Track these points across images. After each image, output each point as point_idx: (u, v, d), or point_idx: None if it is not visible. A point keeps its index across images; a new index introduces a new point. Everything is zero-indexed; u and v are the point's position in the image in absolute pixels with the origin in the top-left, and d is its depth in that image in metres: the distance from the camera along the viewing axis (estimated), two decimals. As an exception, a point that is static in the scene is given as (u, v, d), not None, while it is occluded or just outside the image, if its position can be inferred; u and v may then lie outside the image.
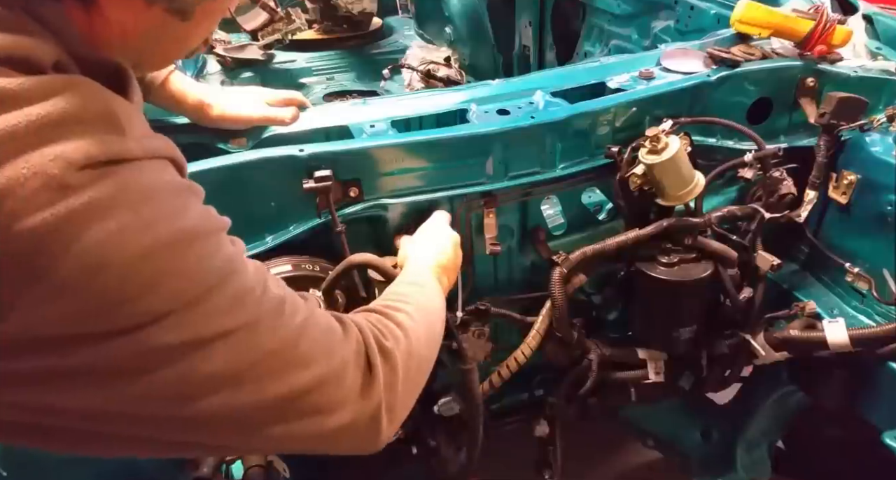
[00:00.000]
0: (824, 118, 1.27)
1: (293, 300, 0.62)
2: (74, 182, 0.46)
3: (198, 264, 0.53)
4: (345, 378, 0.63)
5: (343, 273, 1.06)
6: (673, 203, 1.18)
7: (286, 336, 0.59)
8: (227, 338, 0.54)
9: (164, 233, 0.50)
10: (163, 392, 0.52)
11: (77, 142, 0.47)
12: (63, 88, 0.49)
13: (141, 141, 0.53)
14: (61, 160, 0.46)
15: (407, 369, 0.71)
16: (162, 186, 0.53)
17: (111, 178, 0.48)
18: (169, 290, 0.50)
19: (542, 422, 1.50)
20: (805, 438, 1.83)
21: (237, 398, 0.56)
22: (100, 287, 0.47)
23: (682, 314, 1.27)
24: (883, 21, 1.50)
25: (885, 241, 1.21)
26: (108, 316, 0.48)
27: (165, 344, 0.51)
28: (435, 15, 2.56)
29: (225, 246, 0.57)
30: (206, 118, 1.12)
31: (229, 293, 0.54)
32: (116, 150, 0.50)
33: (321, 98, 2.37)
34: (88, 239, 0.46)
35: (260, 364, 0.57)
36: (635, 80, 1.29)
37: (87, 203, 0.47)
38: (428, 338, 0.80)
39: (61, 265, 0.46)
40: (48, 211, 0.45)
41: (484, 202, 1.20)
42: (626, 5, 1.98)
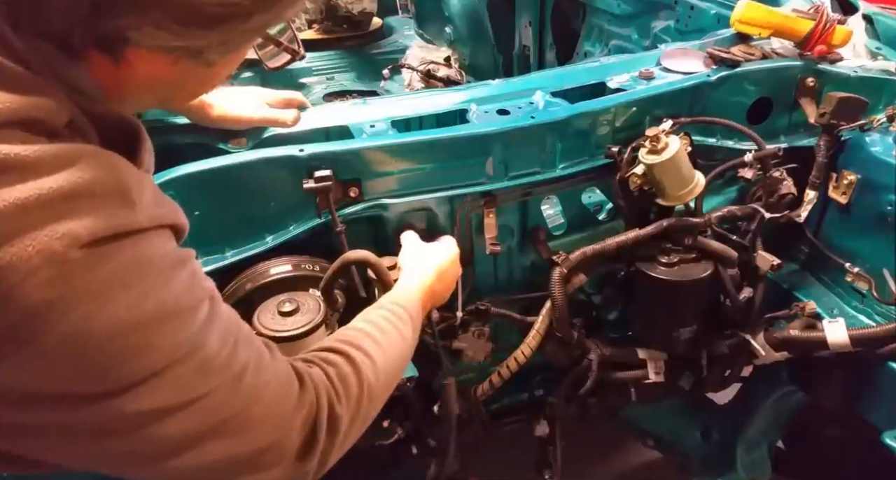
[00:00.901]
0: (824, 118, 1.27)
1: (257, 358, 0.64)
2: (76, 260, 0.48)
3: (172, 338, 0.54)
4: (287, 443, 0.66)
5: (339, 270, 1.06)
6: (673, 203, 1.18)
7: (241, 402, 0.61)
8: (187, 407, 0.56)
9: (147, 310, 0.52)
10: (137, 449, 0.56)
11: (85, 218, 0.49)
12: (77, 159, 0.49)
13: (148, 210, 0.54)
14: (67, 238, 0.47)
15: (350, 427, 0.73)
16: (156, 261, 0.54)
17: (112, 257, 0.50)
18: (142, 362, 0.53)
19: (542, 422, 1.50)
20: (805, 438, 1.83)
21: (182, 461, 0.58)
22: (83, 355, 0.49)
23: (682, 314, 1.27)
24: (883, 21, 1.50)
25: (885, 241, 1.21)
26: (86, 382, 0.51)
27: (132, 411, 0.53)
28: (435, 15, 2.56)
29: (200, 316, 0.58)
30: (207, 118, 1.12)
31: (194, 363, 0.56)
32: (123, 223, 0.51)
33: (321, 98, 2.37)
34: (79, 314, 0.48)
35: (211, 430, 0.59)
36: (635, 80, 1.29)
37: (84, 282, 0.48)
38: (385, 383, 0.81)
39: (50, 334, 0.48)
40: (47, 289, 0.47)
41: (484, 202, 1.20)
42: (626, 5, 1.98)
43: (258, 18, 0.55)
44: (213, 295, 0.62)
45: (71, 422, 0.52)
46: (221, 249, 1.08)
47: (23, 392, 0.49)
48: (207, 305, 0.59)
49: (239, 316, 0.65)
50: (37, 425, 0.52)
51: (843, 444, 1.75)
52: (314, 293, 1.07)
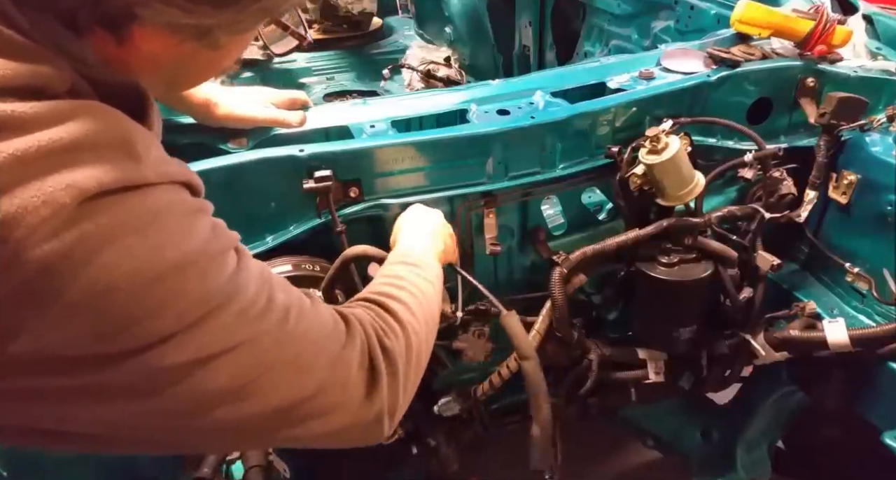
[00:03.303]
0: (824, 118, 1.27)
1: (299, 303, 0.63)
2: (85, 211, 0.46)
3: (202, 286, 0.53)
4: (347, 381, 0.64)
5: (341, 268, 1.06)
6: (673, 203, 1.18)
7: (290, 345, 0.59)
8: (231, 354, 0.55)
9: (170, 257, 0.51)
10: (170, 408, 0.54)
11: (90, 169, 0.47)
12: (78, 113, 0.48)
13: (157, 167, 0.53)
14: (73, 189, 0.46)
15: (407, 365, 0.72)
16: (171, 209, 0.53)
17: (121, 205, 0.49)
18: (175, 312, 0.51)
19: (542, 422, 1.49)
20: (805, 438, 1.83)
21: (243, 409, 0.57)
22: (107, 310, 0.48)
23: (682, 314, 1.27)
24: (883, 21, 1.50)
25: (885, 241, 1.21)
26: (115, 339, 0.49)
27: (171, 363, 0.51)
28: (435, 15, 2.56)
29: (230, 263, 0.57)
30: (211, 117, 1.12)
31: (233, 311, 0.55)
32: (131, 177, 0.50)
33: (321, 98, 2.38)
34: (97, 264, 0.47)
35: (264, 376, 0.57)
36: (635, 80, 1.29)
37: (95, 230, 0.47)
38: (426, 326, 0.80)
39: (70, 290, 0.46)
40: (58, 239, 0.45)
41: (484, 202, 1.20)
42: (626, 5, 1.98)
43: None
44: (238, 246, 0.60)
45: (107, 382, 0.50)
46: (221, 249, 1.08)
47: (50, 356, 0.47)
48: (234, 255, 0.58)
49: (268, 267, 0.64)
50: (67, 388, 0.50)
51: (843, 444, 1.75)
52: (315, 293, 1.07)
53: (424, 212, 1.10)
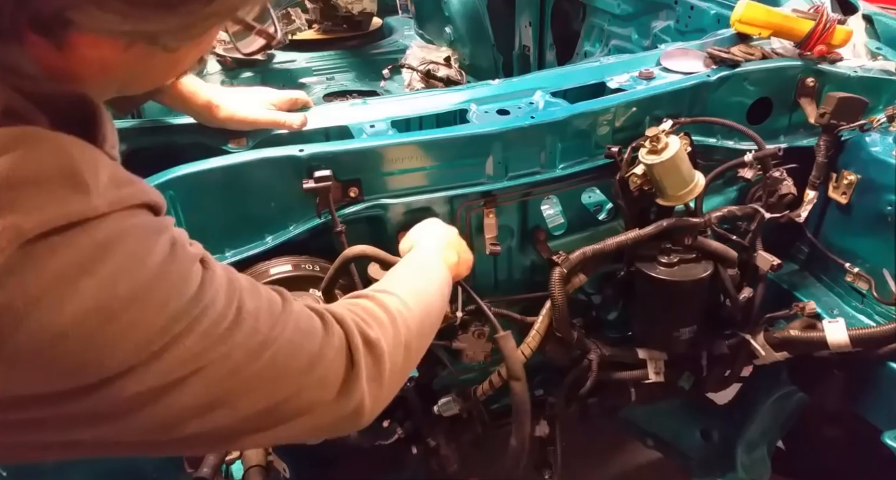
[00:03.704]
0: (824, 118, 1.27)
1: (268, 307, 0.60)
2: (26, 255, 0.43)
3: (161, 314, 0.50)
4: (324, 380, 0.63)
5: (341, 268, 1.06)
6: (673, 203, 1.18)
7: (262, 353, 0.58)
8: (200, 374, 0.53)
9: (123, 291, 0.48)
10: (139, 428, 0.53)
11: (31, 208, 0.43)
12: (14, 143, 0.44)
13: (107, 194, 0.48)
14: (12, 231, 0.42)
15: (394, 357, 0.71)
16: (122, 239, 0.49)
17: (67, 246, 0.45)
18: (131, 346, 0.49)
19: (542, 422, 1.50)
20: (805, 438, 1.83)
21: (215, 420, 0.56)
22: (58, 356, 0.46)
23: (682, 314, 1.27)
24: (883, 21, 1.50)
25: (885, 241, 1.21)
26: (71, 378, 0.47)
27: (133, 393, 0.50)
28: (435, 15, 2.56)
29: (192, 283, 0.53)
30: (213, 119, 1.12)
31: (198, 333, 0.53)
32: (78, 211, 0.46)
33: (321, 98, 2.37)
34: (42, 312, 0.44)
35: (235, 387, 0.56)
36: (635, 80, 1.29)
37: (38, 277, 0.44)
38: (420, 322, 0.79)
39: (15, 337, 0.44)
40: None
41: (484, 202, 1.20)
42: (626, 5, 1.98)
43: (223, 2, 0.50)
44: (204, 257, 0.57)
45: (71, 413, 0.49)
46: (221, 249, 1.08)
47: (9, 397, 0.46)
48: (199, 269, 0.55)
49: (235, 271, 0.61)
50: (32, 419, 0.48)
51: (843, 444, 1.75)
52: (315, 293, 1.07)
53: (441, 224, 1.10)
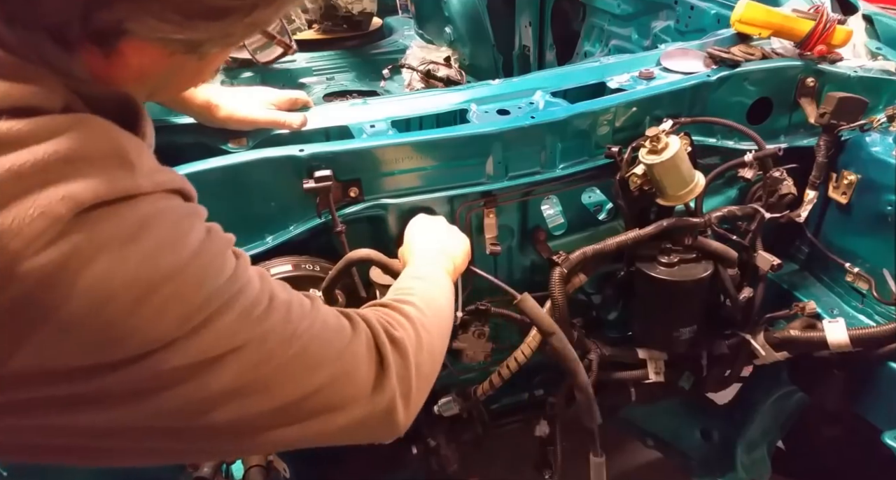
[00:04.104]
0: (824, 118, 1.27)
1: (300, 303, 0.63)
2: (79, 222, 0.46)
3: (201, 290, 0.53)
4: (356, 374, 0.64)
5: (343, 270, 1.06)
6: (673, 203, 1.18)
7: (295, 342, 0.59)
8: (236, 354, 0.55)
9: (166, 264, 0.51)
10: (174, 409, 0.53)
11: (86, 181, 0.47)
12: (70, 126, 0.48)
13: (150, 176, 0.53)
14: (69, 200, 0.46)
15: (419, 358, 0.72)
16: (164, 216, 0.53)
17: (115, 216, 0.49)
18: (175, 317, 0.51)
19: (542, 422, 1.50)
20: (805, 438, 1.83)
21: (248, 407, 0.57)
22: (106, 321, 0.48)
23: (682, 314, 1.27)
24: (883, 21, 1.50)
25: (885, 241, 1.21)
26: (116, 348, 0.49)
27: (175, 366, 0.52)
28: (435, 15, 2.56)
29: (228, 265, 0.57)
30: (213, 119, 1.12)
31: (235, 311, 0.55)
32: (125, 187, 0.50)
33: (321, 98, 2.37)
34: (93, 275, 0.47)
35: (270, 373, 0.57)
36: (635, 80, 1.29)
37: (89, 240, 0.47)
38: (438, 328, 0.81)
39: (67, 303, 0.46)
40: (53, 249, 0.45)
41: (484, 202, 1.20)
42: (626, 5, 1.98)
43: (260, 12, 0.54)
44: (236, 249, 0.60)
45: (109, 388, 0.50)
46: (221, 249, 1.08)
47: (51, 368, 0.47)
48: (232, 256, 0.58)
49: None
50: (68, 396, 0.49)
51: (843, 444, 1.75)
52: (315, 293, 1.07)
53: (430, 222, 1.10)
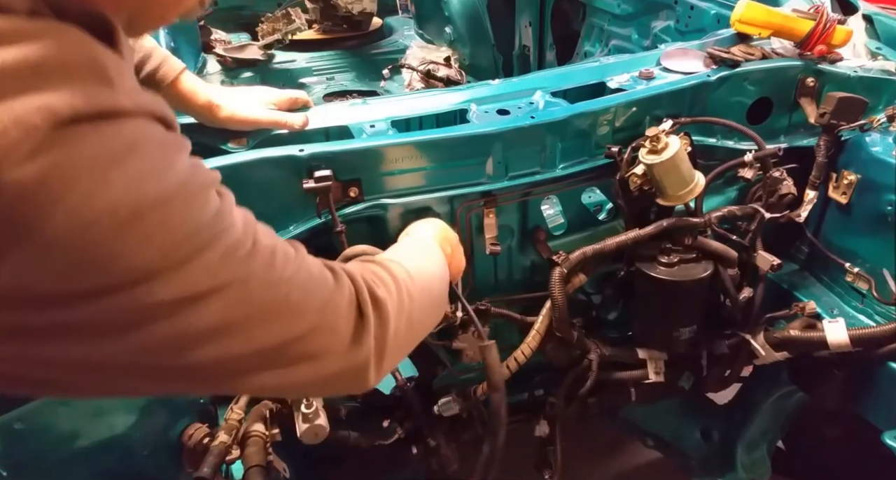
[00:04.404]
0: (824, 118, 1.27)
1: (284, 250, 0.62)
2: (59, 137, 0.44)
3: (186, 222, 0.51)
4: (336, 325, 0.64)
5: None
6: (673, 203, 1.18)
7: (277, 287, 0.59)
8: (220, 293, 0.54)
9: (151, 191, 0.49)
10: (154, 345, 0.52)
11: (63, 92, 0.44)
12: (41, 33, 0.45)
13: (131, 95, 0.50)
14: (45, 111, 0.43)
15: (397, 322, 0.71)
16: (149, 141, 0.51)
17: (97, 135, 0.46)
18: (160, 247, 0.49)
19: (542, 422, 1.50)
20: (805, 438, 1.83)
21: (228, 348, 0.56)
22: (88, 243, 0.46)
23: (682, 314, 1.27)
24: (883, 21, 1.50)
25: (885, 241, 1.21)
26: (98, 273, 0.47)
27: (159, 300, 0.50)
28: (435, 15, 2.56)
29: (213, 201, 0.55)
30: (214, 119, 1.11)
31: (220, 249, 0.54)
32: (105, 104, 0.47)
33: (321, 98, 2.38)
34: (76, 194, 0.45)
35: (252, 316, 0.57)
36: (635, 80, 1.29)
37: (71, 158, 0.44)
38: (423, 298, 0.79)
39: (48, 222, 0.44)
40: (32, 164, 0.43)
41: (484, 202, 1.20)
42: (626, 5, 1.98)
43: None
44: (221, 188, 0.58)
45: (89, 318, 0.48)
46: (221, 249, 1.08)
47: (31, 293, 0.46)
48: (216, 194, 0.56)
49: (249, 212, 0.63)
50: (47, 324, 0.48)
51: (843, 444, 1.75)
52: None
53: (429, 221, 1.11)
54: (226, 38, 2.45)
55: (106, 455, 1.02)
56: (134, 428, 1.02)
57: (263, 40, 2.40)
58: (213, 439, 1.09)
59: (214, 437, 1.09)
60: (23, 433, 0.91)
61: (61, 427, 0.96)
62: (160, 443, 1.09)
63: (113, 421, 1.01)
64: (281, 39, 2.41)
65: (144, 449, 1.06)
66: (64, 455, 0.98)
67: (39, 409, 0.92)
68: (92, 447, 0.99)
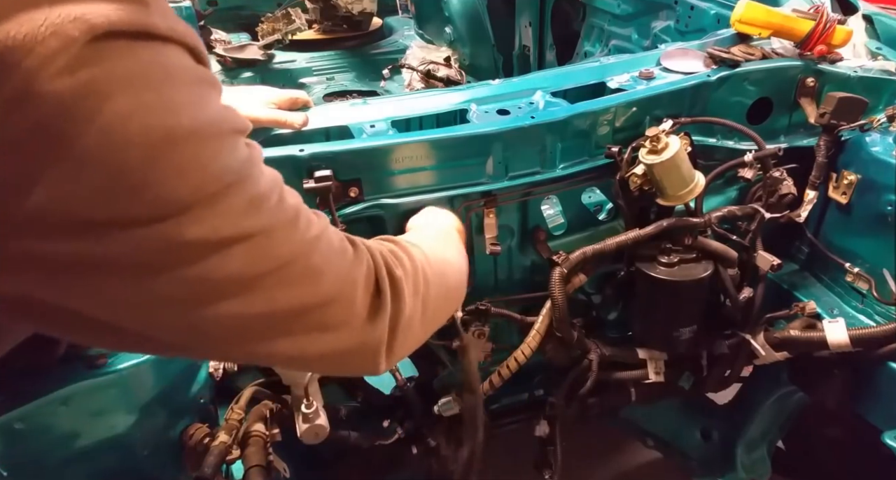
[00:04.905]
0: (824, 118, 1.27)
1: (307, 214, 0.61)
2: (95, 51, 0.43)
3: (218, 159, 0.51)
4: (354, 298, 0.63)
5: None
6: (673, 203, 1.18)
7: (300, 247, 0.58)
8: (245, 242, 0.53)
9: (186, 122, 0.48)
10: (178, 291, 0.52)
11: (98, 5, 0.43)
12: None
13: (166, 19, 0.49)
14: (82, 22, 0.42)
15: (413, 304, 0.70)
16: (185, 73, 0.50)
17: (133, 54, 0.46)
18: (191, 181, 0.49)
19: (542, 422, 1.50)
20: (805, 438, 1.83)
21: (249, 305, 0.55)
22: (123, 165, 0.45)
23: (682, 314, 1.27)
24: (883, 21, 1.50)
25: (885, 241, 1.21)
26: (129, 199, 0.47)
27: (186, 239, 0.49)
28: (435, 15, 2.56)
29: (242, 148, 0.54)
30: None
31: (247, 195, 0.53)
32: (141, 21, 0.46)
33: (321, 98, 2.38)
34: (112, 111, 0.44)
35: (275, 272, 0.56)
36: (635, 80, 1.29)
37: (108, 74, 0.44)
38: (439, 285, 0.78)
39: (84, 136, 0.43)
40: (71, 77, 0.42)
41: (484, 202, 1.20)
42: (626, 5, 1.98)
43: None
44: (251, 142, 0.57)
45: (119, 254, 0.48)
46: (221, 249, 1.08)
47: (67, 216, 0.45)
48: (244, 143, 0.55)
49: None
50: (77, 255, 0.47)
51: (843, 444, 1.75)
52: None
53: (444, 212, 1.11)
54: (226, 38, 2.45)
55: (106, 455, 1.02)
56: (134, 428, 1.02)
57: (263, 40, 2.40)
58: (213, 439, 1.09)
59: (215, 437, 1.09)
60: (23, 433, 0.91)
61: (61, 427, 0.96)
62: (160, 443, 1.09)
63: (113, 421, 1.01)
64: (281, 39, 2.41)
65: (144, 449, 1.06)
66: (64, 455, 0.98)
67: (39, 409, 0.92)
68: (92, 447, 0.99)
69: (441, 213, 1.10)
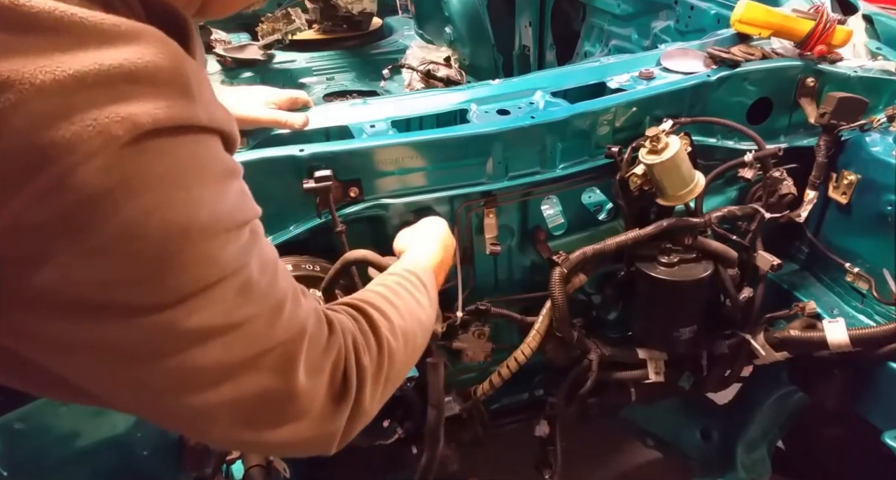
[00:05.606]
0: (824, 118, 1.27)
1: (296, 296, 0.62)
2: (136, 149, 0.45)
3: (225, 252, 0.52)
4: (319, 392, 0.63)
5: (341, 270, 1.06)
6: (673, 203, 1.18)
7: (281, 336, 0.58)
8: (229, 333, 0.54)
9: (205, 217, 0.50)
10: (157, 381, 0.53)
11: (147, 104, 0.45)
12: (139, 37, 0.46)
13: (208, 108, 0.51)
14: (128, 123, 0.44)
15: (373, 391, 0.70)
16: (215, 165, 0.51)
17: (172, 150, 0.47)
18: (197, 273, 0.50)
19: (542, 422, 1.50)
20: (805, 438, 1.83)
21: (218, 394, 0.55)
22: (137, 256, 0.47)
23: (682, 314, 1.27)
24: (883, 21, 1.50)
25: (885, 241, 1.21)
26: (139, 289, 0.48)
27: (179, 330, 0.50)
28: (435, 15, 2.56)
29: (245, 235, 0.55)
30: None
31: (240, 282, 0.54)
32: (184, 117, 0.48)
33: (321, 98, 2.38)
34: (137, 207, 0.45)
35: (250, 360, 0.56)
36: (635, 80, 1.29)
37: (145, 173, 0.46)
38: (404, 354, 0.77)
39: (105, 227, 0.45)
40: (106, 174, 0.44)
41: (484, 202, 1.20)
42: (626, 5, 1.98)
43: None
44: (255, 222, 0.58)
45: (112, 339, 0.49)
46: (221, 249, 1.08)
47: (70, 297, 0.46)
48: (248, 230, 0.56)
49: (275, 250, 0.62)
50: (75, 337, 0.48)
51: (843, 444, 1.75)
52: (315, 293, 1.07)
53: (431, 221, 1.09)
54: (226, 38, 2.45)
55: (106, 455, 1.02)
56: (134, 428, 1.02)
57: (263, 40, 2.40)
58: (213, 439, 1.09)
59: (214, 437, 1.09)
60: (23, 433, 0.91)
61: (61, 427, 0.96)
62: (160, 443, 1.09)
63: (113, 421, 1.01)
64: (281, 39, 2.41)
65: (144, 449, 1.06)
66: (64, 455, 0.98)
67: (39, 409, 0.92)
68: (92, 447, 1.00)
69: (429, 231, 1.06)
